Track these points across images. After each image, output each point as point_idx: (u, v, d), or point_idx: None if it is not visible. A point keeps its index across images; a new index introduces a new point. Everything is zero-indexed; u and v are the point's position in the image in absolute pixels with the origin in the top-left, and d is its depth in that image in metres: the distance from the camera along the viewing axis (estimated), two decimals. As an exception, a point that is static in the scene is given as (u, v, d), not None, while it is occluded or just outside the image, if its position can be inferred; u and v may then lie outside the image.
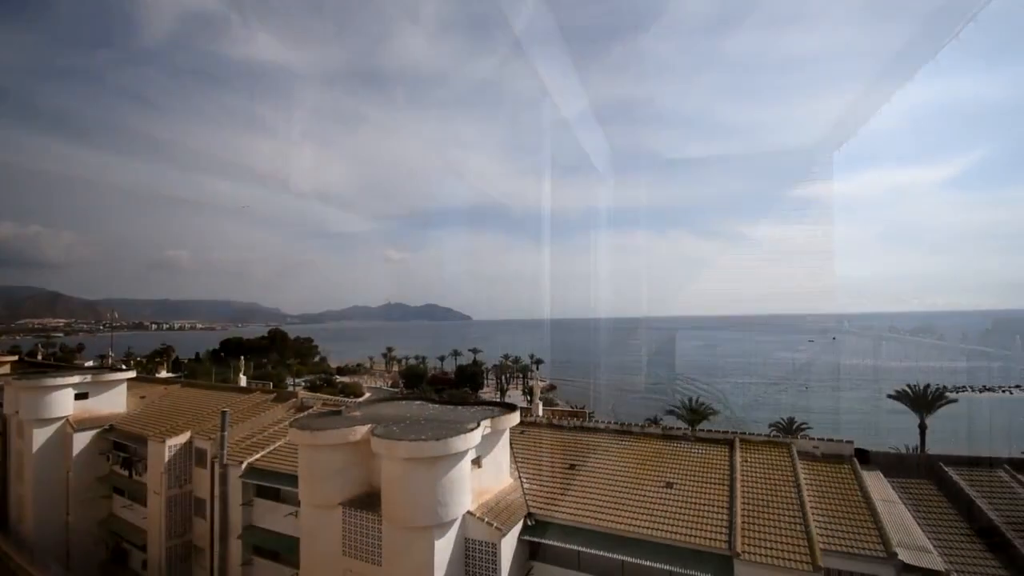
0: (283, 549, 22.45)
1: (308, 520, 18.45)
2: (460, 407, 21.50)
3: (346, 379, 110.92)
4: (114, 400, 32.15)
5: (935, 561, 14.04)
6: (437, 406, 21.98)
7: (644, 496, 18.29)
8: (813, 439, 20.61)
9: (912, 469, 18.86)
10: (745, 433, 21.66)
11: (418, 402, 22.91)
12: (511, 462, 20.69)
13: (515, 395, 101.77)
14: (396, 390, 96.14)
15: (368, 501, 17.52)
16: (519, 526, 17.47)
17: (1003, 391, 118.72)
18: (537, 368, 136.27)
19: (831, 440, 20.14)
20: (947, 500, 17.02)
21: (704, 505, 17.43)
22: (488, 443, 18.39)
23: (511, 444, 21.22)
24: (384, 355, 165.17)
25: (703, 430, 22.88)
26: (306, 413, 27.37)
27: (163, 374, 56.74)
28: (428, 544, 15.66)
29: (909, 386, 51.88)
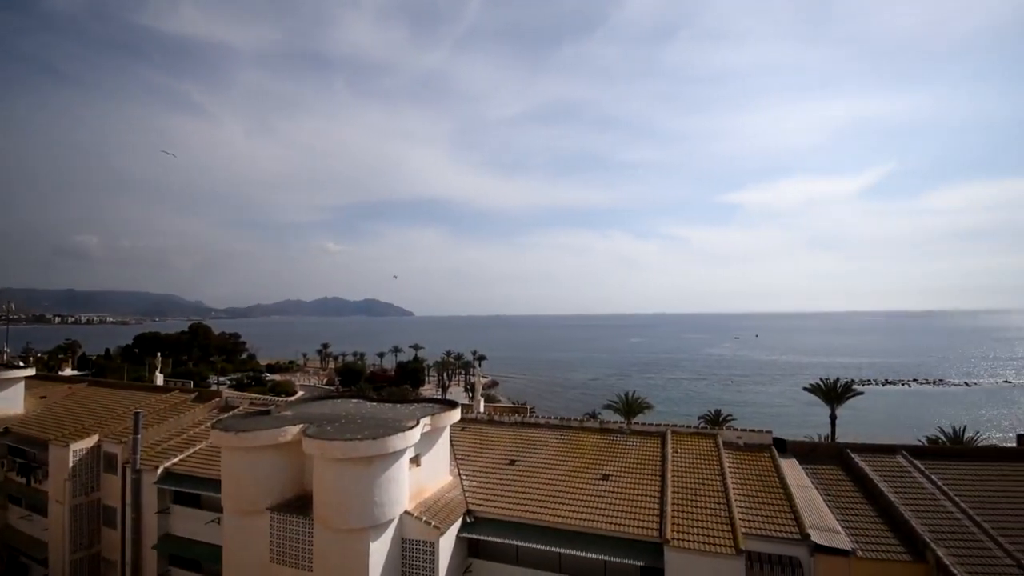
0: (204, 558, 21.04)
1: (232, 527, 17.31)
2: (399, 405, 20.95)
3: (277, 377, 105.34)
4: (10, 400, 29.14)
5: (843, 541, 15.29)
6: (375, 404, 21.29)
7: (581, 489, 18.67)
8: (737, 430, 21.87)
9: (823, 456, 20.46)
10: (676, 425, 22.64)
11: (355, 400, 22.08)
12: (451, 460, 20.45)
13: (457, 392, 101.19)
14: (332, 388, 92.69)
15: (299, 504, 16.67)
16: (458, 524, 17.28)
17: (903, 384, 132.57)
18: (480, 365, 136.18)
19: (752, 431, 21.50)
20: (853, 484, 18.60)
21: (637, 495, 18.04)
22: (428, 441, 18.04)
23: (451, 441, 20.98)
24: (319, 352, 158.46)
25: (638, 423, 23.69)
26: (231, 413, 25.69)
27: (68, 372, 51.31)
28: (363, 546, 15.13)
29: (821, 380, 56.49)
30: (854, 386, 56.16)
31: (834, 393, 53.82)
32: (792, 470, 19.22)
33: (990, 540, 14.97)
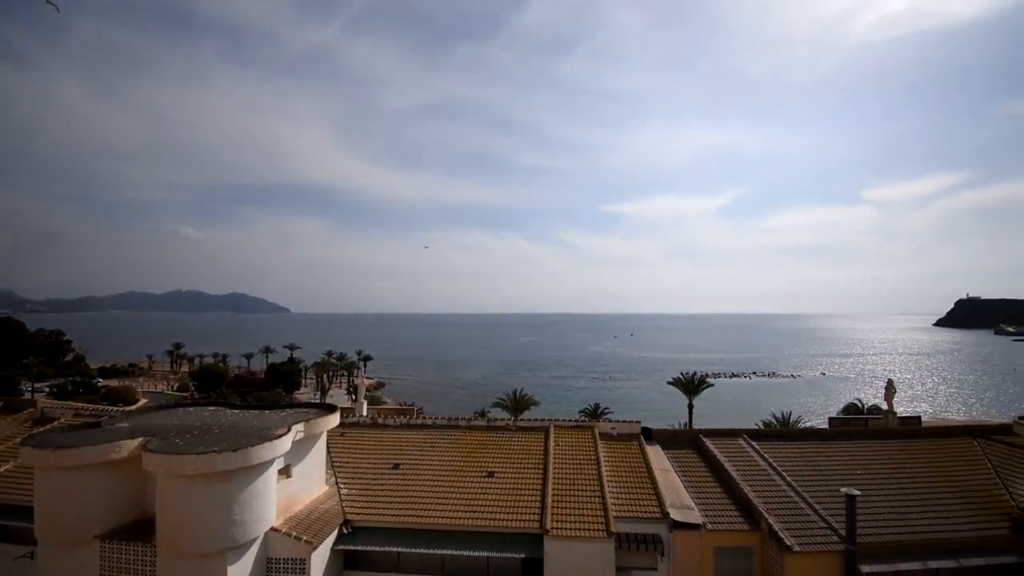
0: (5, 607, 17.21)
1: (50, 561, 14.44)
2: (268, 411, 19.13)
3: (113, 383, 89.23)
4: None
5: (696, 516, 17.13)
6: (238, 412, 19.19)
7: (467, 488, 18.66)
8: (611, 422, 23.50)
9: (682, 442, 22.79)
10: (558, 420, 23.65)
11: (212, 408, 19.68)
12: (328, 468, 19.18)
13: (338, 395, 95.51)
14: (184, 395, 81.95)
15: (137, 530, 14.37)
16: (334, 535, 16.23)
17: (744, 376, 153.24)
18: (364, 365, 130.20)
19: (624, 422, 23.26)
20: (705, 465, 20.96)
21: (521, 490, 18.49)
22: (300, 449, 16.67)
23: (329, 448, 19.71)
24: (170, 353, 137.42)
25: (524, 420, 24.33)
26: (49, 427, 21.43)
27: None
28: (219, 571, 13.47)
29: (682, 374, 63.13)
30: (707, 379, 63.83)
31: (691, 386, 60.45)
32: (656, 456, 21.10)
33: (808, 507, 17.78)
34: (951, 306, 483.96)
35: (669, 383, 66.17)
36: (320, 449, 18.32)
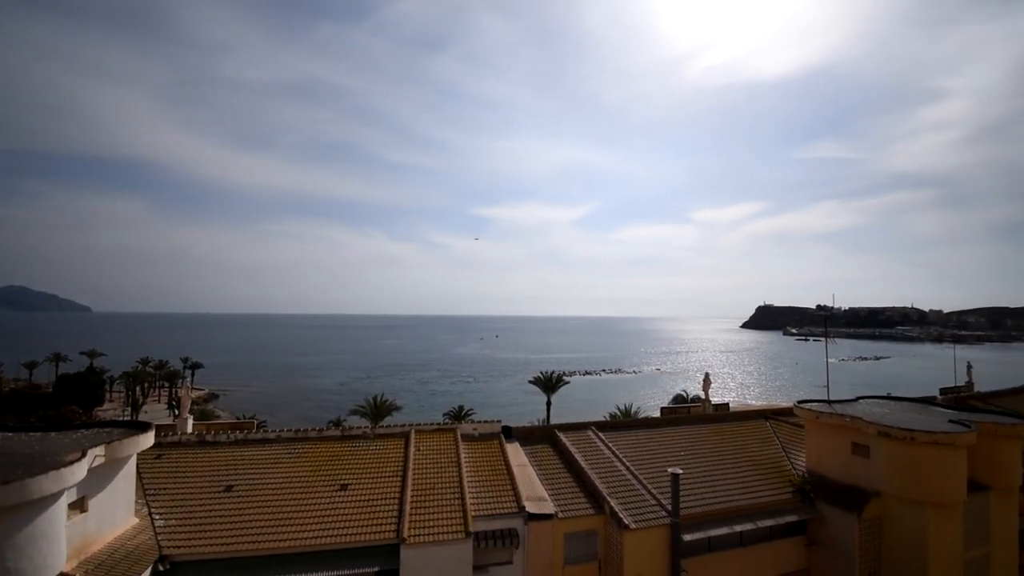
0: None
1: None
2: (56, 433, 15.47)
3: None
4: None
5: (549, 507, 18.07)
6: (12, 435, 15.20)
7: (316, 504, 17.21)
8: (474, 423, 23.71)
9: (539, 437, 23.93)
10: (420, 424, 23.14)
11: (-30, 433, 15.31)
12: (139, 496, 16.18)
13: (157, 410, 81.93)
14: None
15: None
16: (146, 575, 13.69)
17: (596, 374, 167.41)
18: (193, 374, 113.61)
19: (486, 422, 23.63)
20: (558, 458, 22.27)
21: (377, 500, 17.63)
22: (100, 477, 13.77)
23: (141, 474, 16.69)
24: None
25: (384, 426, 23.32)
26: None
27: None
28: (-32, 645, 10.45)
29: (541, 373, 66.82)
30: (564, 377, 68.53)
31: (550, 384, 64.35)
32: (515, 453, 21.83)
33: (644, 489, 19.89)
34: (753, 312, 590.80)
35: (530, 382, 69.63)
36: (128, 475, 15.35)
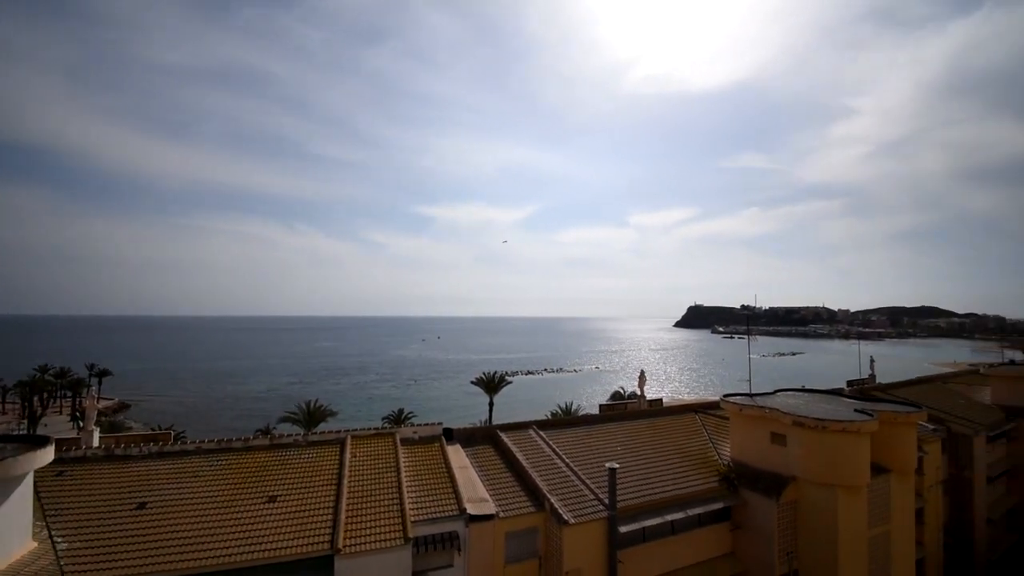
0: None
1: None
2: (-75, 453, 13.50)
3: None
4: None
5: (490, 508, 18.01)
6: None
7: (242, 518, 16.13)
8: (414, 426, 23.22)
9: (480, 438, 23.82)
10: (357, 429, 22.33)
11: None
12: (38, 517, 14.48)
13: (58, 423, 74.12)
14: None
15: None
16: (38, 610, 12.24)
17: (538, 373, 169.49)
18: (100, 382, 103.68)
19: (426, 424, 23.21)
20: (500, 458, 22.27)
21: (310, 511, 16.80)
22: (-18, 501, 12.18)
23: (39, 493, 14.96)
24: None
25: (318, 432, 22.28)
26: None
27: None
28: None
29: (484, 374, 66.74)
30: (507, 378, 68.80)
31: (492, 384, 64.41)
32: (456, 455, 21.60)
33: (583, 485, 20.31)
34: (685, 311, 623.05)
35: (472, 383, 69.31)
36: (23, 496, 13.69)
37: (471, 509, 17.58)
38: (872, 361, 46.06)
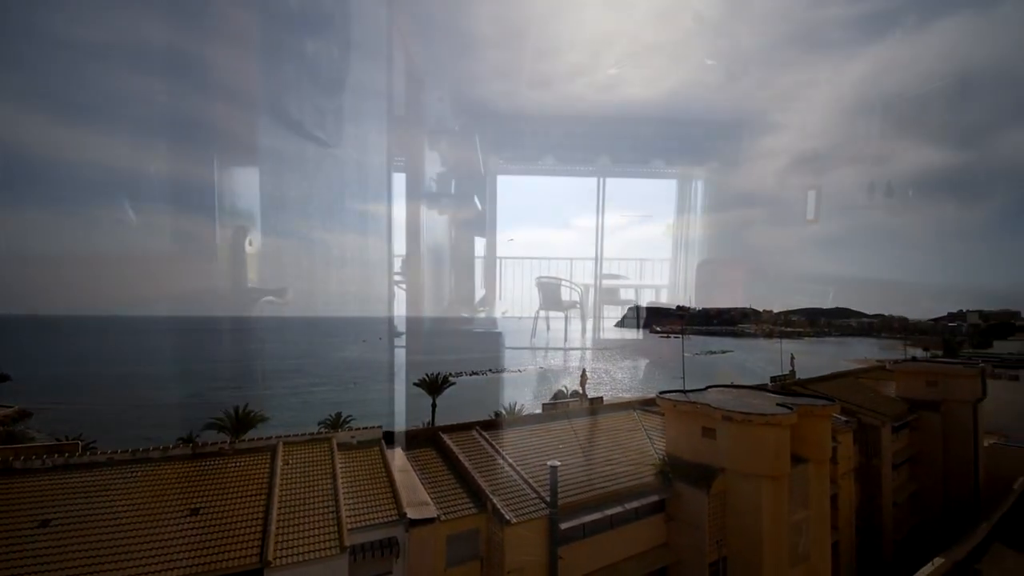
0: None
1: None
2: None
3: None
4: None
5: (431, 511, 17.72)
6: None
7: (159, 533, 14.95)
8: (352, 430, 22.44)
9: (422, 441, 23.44)
10: (290, 435, 21.30)
11: None
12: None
13: (-53, 436, 65.41)
14: None
15: None
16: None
17: (482, 374, 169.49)
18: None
19: (365, 428, 22.52)
20: (442, 460, 22.00)
21: (237, 523, 15.84)
22: None
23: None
24: None
25: (247, 439, 21.03)
26: None
27: None
28: None
29: (427, 375, 65.75)
30: (450, 378, 68.17)
31: (435, 385, 63.63)
32: (397, 458, 21.11)
33: (526, 484, 20.46)
34: (625, 311, 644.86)
35: (415, 384, 68.03)
36: None
37: (411, 513, 17.24)
38: (792, 358, 49.50)
